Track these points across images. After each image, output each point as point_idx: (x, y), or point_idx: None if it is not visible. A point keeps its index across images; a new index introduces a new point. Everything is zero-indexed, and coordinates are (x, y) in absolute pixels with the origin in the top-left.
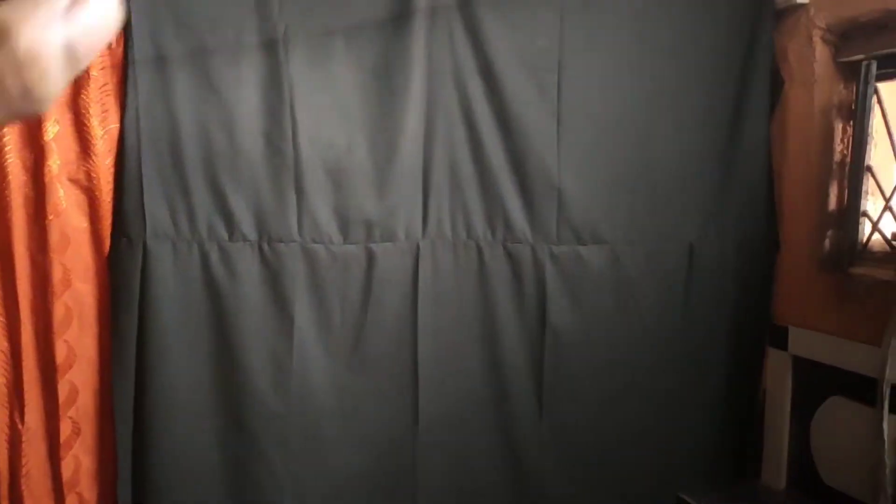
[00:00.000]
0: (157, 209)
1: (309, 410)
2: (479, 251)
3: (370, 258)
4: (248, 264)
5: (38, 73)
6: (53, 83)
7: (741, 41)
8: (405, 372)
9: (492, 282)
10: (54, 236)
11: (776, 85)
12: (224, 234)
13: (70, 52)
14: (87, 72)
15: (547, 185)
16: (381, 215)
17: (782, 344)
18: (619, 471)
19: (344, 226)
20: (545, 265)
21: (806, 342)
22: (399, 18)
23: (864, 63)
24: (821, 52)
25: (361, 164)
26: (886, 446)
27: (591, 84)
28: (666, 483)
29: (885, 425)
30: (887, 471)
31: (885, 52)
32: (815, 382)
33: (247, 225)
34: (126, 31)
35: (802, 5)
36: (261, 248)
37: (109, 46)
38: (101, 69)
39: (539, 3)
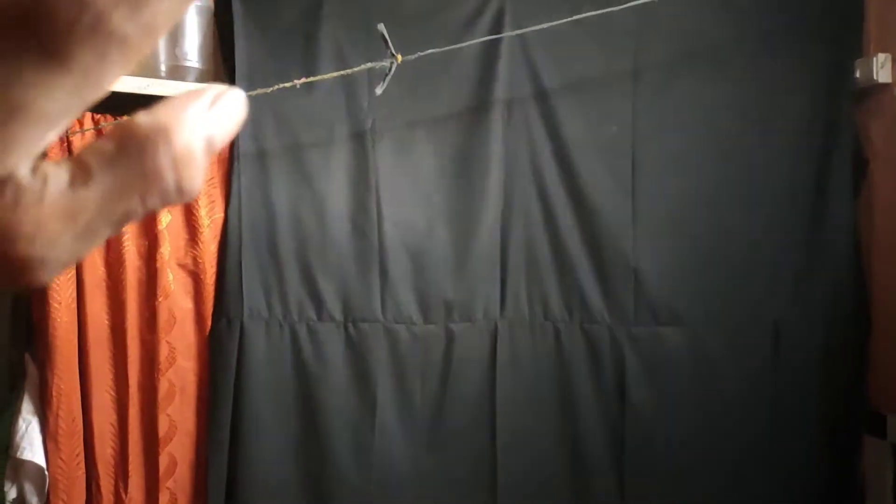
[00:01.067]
0: (254, 291)
1: (389, 487)
2: (557, 332)
3: (449, 338)
4: (334, 343)
5: (192, 169)
6: (201, 177)
7: (821, 120)
8: (483, 450)
9: (569, 362)
10: (163, 317)
11: (860, 165)
12: (313, 315)
13: (210, 147)
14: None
15: (623, 266)
16: (459, 296)
17: (881, 432)
18: None
19: (424, 307)
20: (623, 346)
21: None
22: (479, 109)
23: None
24: None
25: (441, 247)
26: None
27: (665, 165)
28: None
29: None
30: None
31: None
32: None
33: (334, 306)
34: None
35: (886, 85)
36: (346, 328)
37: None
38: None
39: (612, 91)
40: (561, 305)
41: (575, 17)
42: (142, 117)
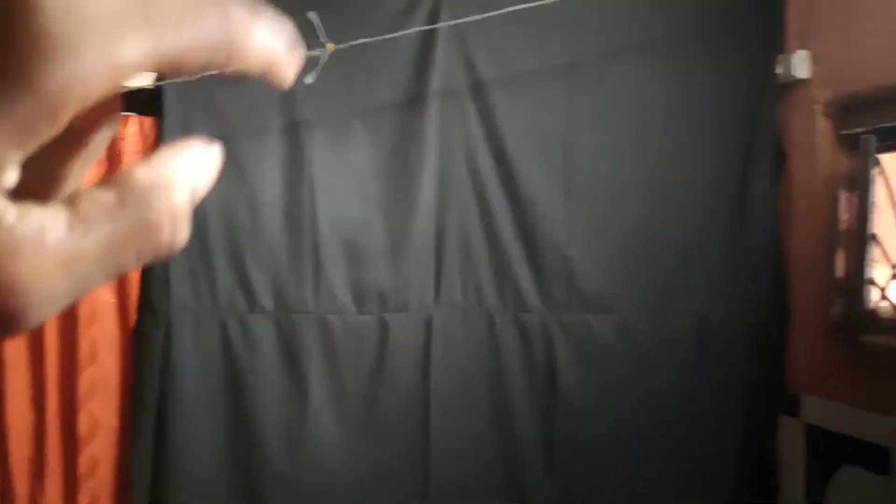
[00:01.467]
0: (181, 283)
1: (321, 477)
2: (491, 320)
3: (383, 328)
4: (265, 335)
5: (184, 223)
6: (188, 231)
7: (744, 115)
8: (417, 438)
9: (502, 349)
10: (84, 311)
11: (780, 157)
12: (244, 307)
13: (194, 202)
14: (119, 156)
15: (555, 256)
16: (394, 286)
17: (794, 411)
18: None
19: (358, 297)
20: (554, 333)
21: (818, 410)
22: (414, 100)
23: (864, 137)
24: (822, 125)
25: (376, 238)
26: None
27: (597, 158)
28: None
29: None
30: None
31: (884, 125)
32: (829, 451)
33: (265, 297)
34: (159, 118)
35: (804, 80)
36: (278, 319)
37: (142, 131)
38: (134, 153)
39: (546, 84)
40: (494, 294)
41: (509, 9)
42: (143, 171)
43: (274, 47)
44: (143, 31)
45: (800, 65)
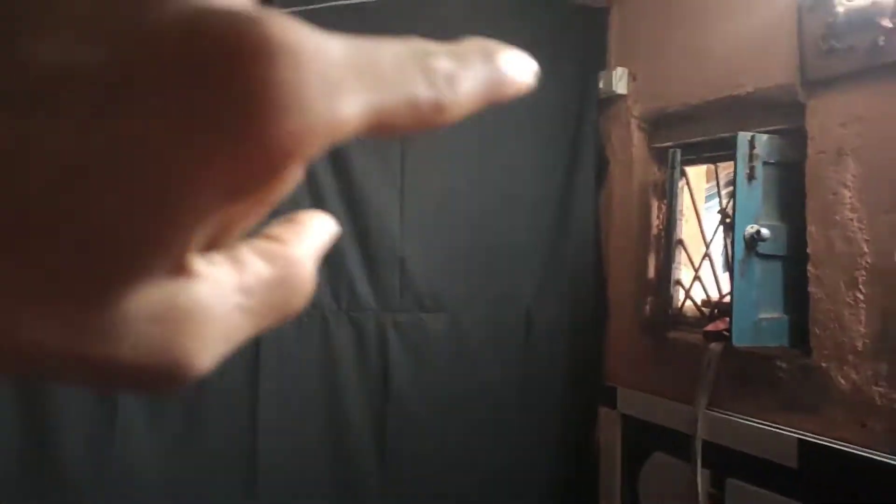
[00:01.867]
0: None
1: (134, 488)
2: (324, 320)
3: None
4: None
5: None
6: None
7: (570, 125)
8: (244, 439)
9: (336, 349)
10: None
11: (603, 165)
12: None
13: None
14: None
15: (390, 256)
16: None
17: (612, 402)
18: None
19: None
20: (388, 331)
21: (632, 401)
22: None
23: (671, 150)
24: (637, 137)
25: None
26: (700, 498)
27: (432, 162)
28: None
29: (698, 479)
30: None
31: (688, 140)
32: (642, 439)
33: None
34: None
35: (621, 96)
36: None
37: None
38: None
39: None
40: (329, 294)
41: (347, 2)
42: (300, 249)
43: (485, 83)
44: (364, 89)
45: (619, 81)
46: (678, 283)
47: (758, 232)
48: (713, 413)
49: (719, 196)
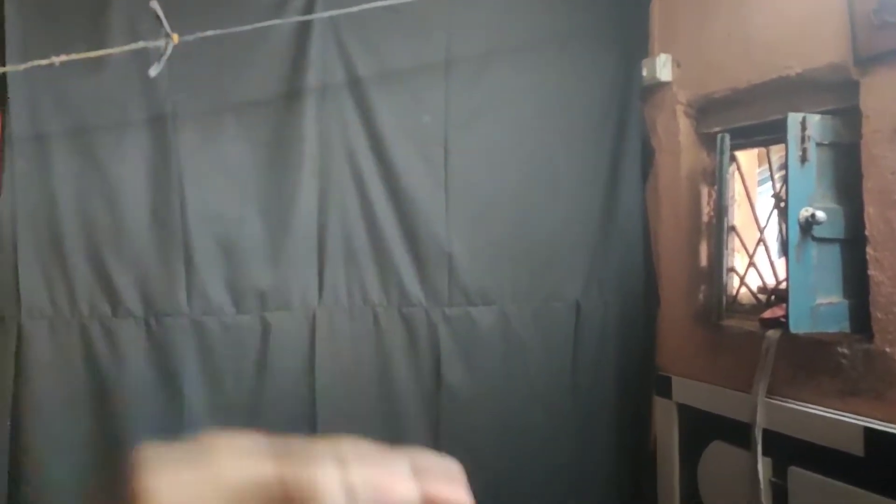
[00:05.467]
0: (32, 288)
1: None
2: (375, 316)
3: (265, 327)
4: (133, 341)
5: None
6: None
7: (614, 115)
8: (302, 433)
9: (388, 344)
10: None
11: (649, 154)
12: (107, 311)
13: None
14: None
15: (438, 251)
16: (275, 285)
17: (667, 393)
18: None
19: (236, 297)
20: (438, 326)
21: (688, 391)
22: (290, 95)
23: (720, 135)
24: (684, 124)
25: (254, 236)
26: (762, 487)
27: (475, 156)
28: None
29: (759, 467)
30: None
31: (737, 125)
32: (699, 428)
33: (132, 300)
34: (3, 108)
35: (666, 83)
36: (147, 324)
37: None
38: None
39: (424, 83)
40: (379, 290)
41: (385, 3)
42: None
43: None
44: None
45: (662, 68)
46: (732, 270)
47: (813, 215)
48: (773, 401)
49: (772, 180)
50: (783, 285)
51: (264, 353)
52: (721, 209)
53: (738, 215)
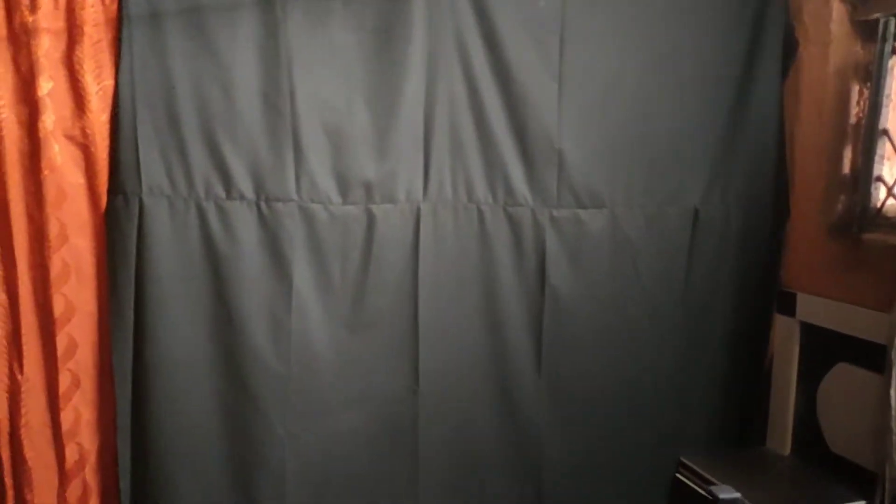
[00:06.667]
0: (152, 166)
1: (309, 370)
2: (480, 214)
3: (370, 219)
4: (245, 223)
5: None
6: None
7: (752, 1)
8: (406, 331)
9: (492, 244)
10: (50, 191)
11: (790, 46)
12: (221, 193)
13: None
14: (80, 27)
15: (548, 148)
16: (380, 177)
17: (790, 310)
18: (618, 433)
19: (343, 186)
20: (545, 228)
21: (814, 308)
22: None
23: (882, 20)
24: (837, 10)
25: (361, 125)
26: (893, 413)
27: (592, 45)
28: (667, 446)
29: (892, 392)
30: (894, 438)
31: None
32: (823, 349)
33: (244, 183)
34: None
35: None
36: (258, 207)
37: (104, 2)
38: (95, 25)
39: None
40: (485, 187)
41: None
42: None
43: None
44: None
45: None
46: (879, 179)
47: None
48: None
49: None
50: None
51: (369, 245)
52: (876, 108)
53: (893, 117)
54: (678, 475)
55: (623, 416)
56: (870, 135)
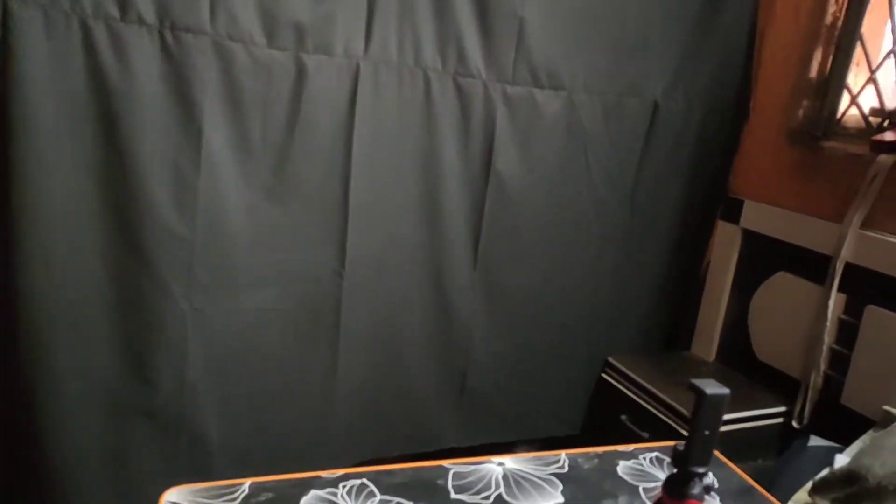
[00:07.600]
0: None
1: (218, 238)
2: (427, 80)
3: (300, 69)
4: (143, 53)
5: None
6: None
7: None
8: (334, 207)
9: (437, 116)
10: None
11: None
12: (115, 12)
13: None
14: None
15: (509, 13)
16: (315, 20)
17: (734, 217)
18: (550, 330)
19: (270, 26)
20: (497, 105)
21: (760, 216)
22: None
23: None
24: None
25: None
26: (828, 324)
27: None
28: (596, 346)
29: (830, 303)
30: (824, 348)
31: None
32: (764, 258)
33: (144, 4)
34: None
35: None
36: (162, 36)
37: None
38: None
39: None
40: (435, 51)
41: None
42: None
43: None
44: None
45: None
46: (846, 87)
47: None
48: (866, 233)
49: None
50: None
51: (297, 102)
52: (853, 10)
53: (866, 22)
54: (603, 374)
55: (557, 313)
56: (846, 39)
